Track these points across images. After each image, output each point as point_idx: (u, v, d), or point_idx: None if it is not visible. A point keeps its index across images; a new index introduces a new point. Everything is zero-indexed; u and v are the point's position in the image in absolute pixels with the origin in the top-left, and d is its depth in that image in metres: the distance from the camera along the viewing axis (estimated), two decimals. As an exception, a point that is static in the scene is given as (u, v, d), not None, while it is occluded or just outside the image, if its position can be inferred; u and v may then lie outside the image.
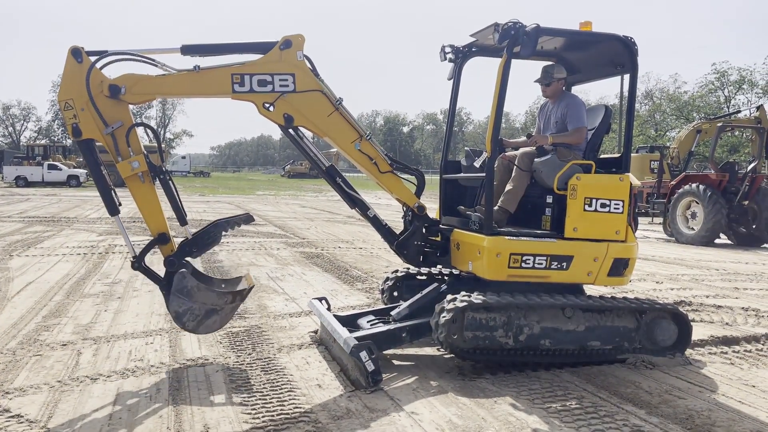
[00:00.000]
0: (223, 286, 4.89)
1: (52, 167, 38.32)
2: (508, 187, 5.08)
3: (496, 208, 4.98)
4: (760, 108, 17.55)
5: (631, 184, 4.86)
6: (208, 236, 4.63)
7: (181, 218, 4.75)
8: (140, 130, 4.82)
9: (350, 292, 7.59)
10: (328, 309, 5.50)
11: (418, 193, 5.19)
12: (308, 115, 4.61)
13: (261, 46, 4.52)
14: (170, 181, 4.61)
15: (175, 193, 4.65)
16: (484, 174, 4.80)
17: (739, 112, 21.74)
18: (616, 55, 5.15)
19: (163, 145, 5.06)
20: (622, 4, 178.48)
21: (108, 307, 6.52)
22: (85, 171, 39.21)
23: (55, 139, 74.18)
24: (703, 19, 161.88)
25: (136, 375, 4.43)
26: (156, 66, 4.49)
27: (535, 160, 5.05)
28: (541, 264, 4.70)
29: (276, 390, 4.17)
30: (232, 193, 33.43)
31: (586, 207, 4.75)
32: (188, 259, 4.63)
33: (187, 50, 4.49)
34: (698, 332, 5.64)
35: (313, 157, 4.88)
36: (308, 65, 4.60)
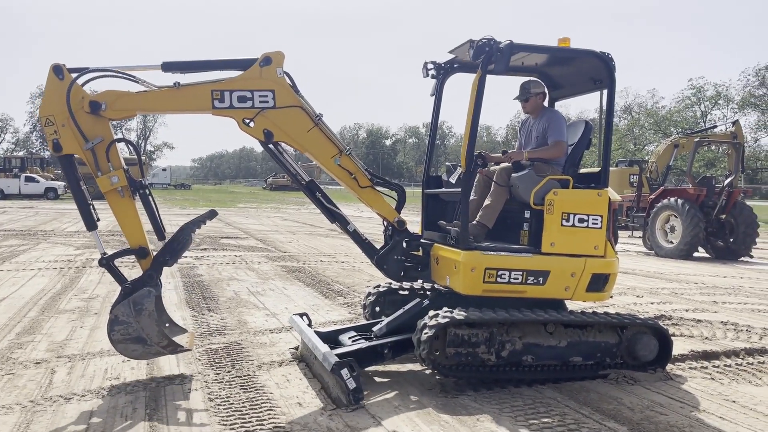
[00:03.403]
0: (167, 325, 4.85)
1: (29, 179, 37.81)
2: (486, 202, 5.12)
3: (474, 222, 5.01)
4: (735, 123, 17.85)
5: (609, 198, 4.86)
6: (177, 242, 4.66)
7: (159, 233, 4.73)
8: (121, 144, 4.84)
9: (332, 307, 7.53)
10: (309, 325, 5.44)
11: (399, 207, 5.18)
12: (287, 130, 4.64)
13: (241, 62, 4.56)
14: (150, 196, 4.64)
15: (155, 208, 4.66)
16: (459, 189, 4.82)
17: (715, 127, 22.08)
18: (595, 70, 5.19)
19: (143, 158, 5.21)
20: (602, 20, 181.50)
21: (84, 323, 6.39)
22: (64, 184, 38.76)
23: (33, 151, 73.18)
24: (680, 36, 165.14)
25: (112, 394, 4.33)
26: (137, 82, 4.52)
27: (512, 175, 5.06)
28: (517, 279, 4.69)
29: (255, 408, 4.09)
30: (213, 206, 33.09)
31: (564, 222, 4.74)
32: (160, 281, 4.67)
33: (168, 67, 4.51)
34: (678, 347, 5.66)
35: (292, 172, 4.91)
36: (288, 81, 4.63)
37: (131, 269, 8.47)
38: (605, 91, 5.22)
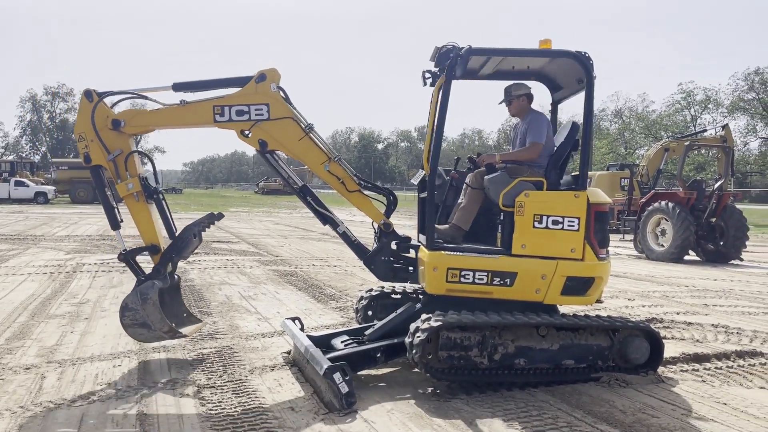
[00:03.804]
0: (185, 315, 5.52)
1: (19, 184, 37.53)
2: (461, 204, 5.20)
3: (449, 225, 5.14)
4: (725, 127, 17.97)
5: (588, 201, 4.75)
6: (181, 241, 5.22)
7: (171, 233, 5.33)
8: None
9: (324, 311, 7.51)
10: (302, 329, 5.44)
11: (389, 211, 5.30)
12: (281, 140, 5.02)
13: (240, 80, 5.02)
14: (163, 201, 5.27)
15: (167, 211, 5.30)
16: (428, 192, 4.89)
17: (705, 131, 22.28)
18: (576, 70, 5.16)
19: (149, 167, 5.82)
20: (595, 25, 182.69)
21: (74, 328, 6.35)
22: (53, 188, 38.57)
23: (23, 156, 72.70)
24: (670, 40, 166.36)
25: (103, 399, 4.30)
26: (152, 101, 5.12)
27: (485, 177, 5.10)
28: (482, 279, 4.71)
29: (247, 413, 4.08)
30: (204, 210, 33.02)
31: (536, 224, 4.70)
32: (178, 275, 5.45)
33: (178, 87, 5.03)
34: (670, 349, 5.69)
35: (286, 178, 5.22)
36: (281, 95, 5.02)
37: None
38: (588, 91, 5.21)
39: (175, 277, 5.41)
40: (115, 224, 5.23)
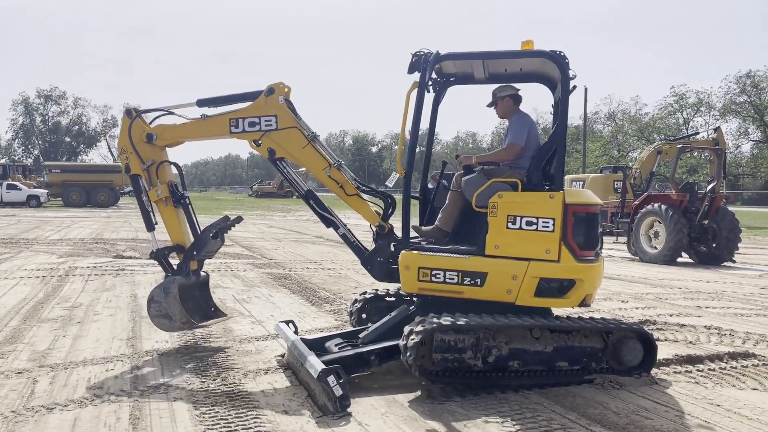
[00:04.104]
0: (212, 309, 6.06)
1: (11, 187, 37.31)
2: (444, 207, 5.27)
3: (433, 227, 5.26)
4: (717, 129, 18.10)
5: (565, 201, 4.65)
6: (200, 241, 5.76)
7: (195, 234, 5.87)
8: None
9: (318, 314, 7.50)
10: (296, 332, 5.43)
11: (387, 214, 5.35)
12: (286, 147, 5.39)
13: (253, 95, 5.47)
14: (189, 206, 5.87)
15: (193, 215, 5.90)
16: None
17: (697, 133, 22.39)
18: (548, 69, 5.14)
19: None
20: (586, 30, 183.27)
21: (67, 332, 6.31)
22: (46, 191, 38.38)
23: (15, 159, 72.36)
24: (662, 44, 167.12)
25: (95, 404, 4.27)
26: (179, 116, 5.76)
27: (462, 179, 5.13)
28: (453, 279, 4.73)
29: (241, 417, 4.06)
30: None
31: (510, 225, 4.68)
32: (206, 272, 6.02)
33: (201, 103, 5.60)
34: (663, 351, 5.71)
35: (293, 182, 5.53)
36: (288, 107, 5.38)
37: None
38: (573, 92, 5.20)
39: (203, 273, 5.95)
40: (150, 226, 5.84)
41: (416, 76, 5.05)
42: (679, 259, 14.23)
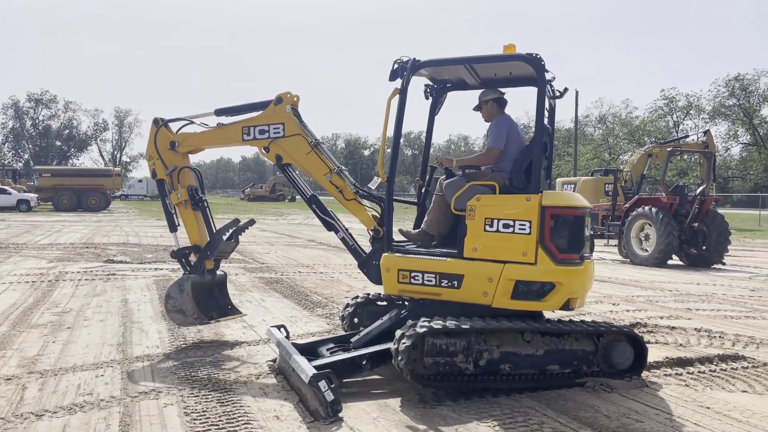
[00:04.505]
0: (229, 307, 6.41)
1: (1, 191, 37.04)
2: (429, 210, 5.36)
3: (419, 230, 5.37)
4: (707, 133, 18.25)
5: (542, 204, 4.62)
6: (213, 242, 6.11)
7: (212, 235, 6.21)
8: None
9: (310, 318, 7.49)
10: (287, 337, 5.42)
11: (384, 219, 5.32)
12: (291, 153, 5.66)
13: (262, 104, 5.78)
14: (207, 209, 6.24)
15: (210, 218, 6.28)
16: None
17: (687, 136, 22.48)
18: (525, 71, 5.13)
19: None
20: (575, 33, 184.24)
21: (56, 337, 6.27)
22: (36, 195, 38.12)
23: (5, 163, 71.89)
24: (652, 47, 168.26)
25: (85, 410, 4.25)
26: (199, 124, 6.12)
27: (444, 182, 5.17)
28: (431, 281, 4.79)
29: (232, 422, 4.05)
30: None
31: (487, 227, 4.71)
32: (224, 272, 6.44)
33: (219, 112, 5.96)
34: (653, 354, 5.74)
35: (298, 188, 5.74)
36: (294, 115, 5.64)
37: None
38: (564, 95, 5.29)
39: (220, 273, 6.32)
40: (173, 227, 6.24)
41: (398, 83, 5.10)
42: (670, 262, 14.31)
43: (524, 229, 4.64)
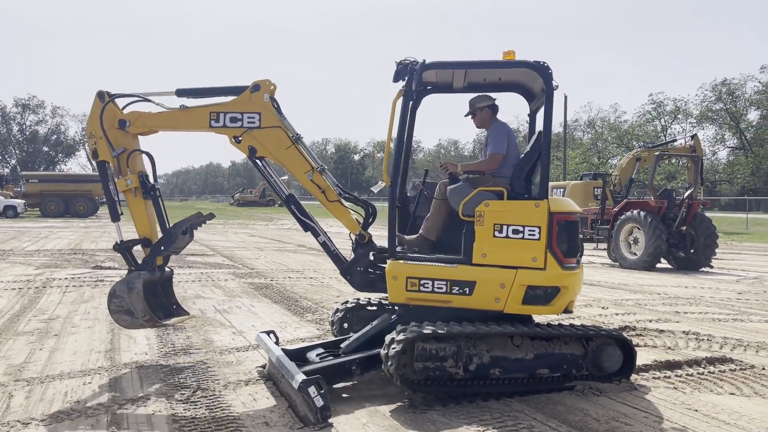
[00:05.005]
0: (174, 307, 5.87)
1: (-13, 198, 36.70)
2: (428, 215, 5.27)
3: (417, 236, 5.27)
4: (694, 137, 18.35)
5: (550, 210, 4.71)
6: (169, 236, 5.51)
7: (164, 228, 5.59)
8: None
9: (300, 323, 7.46)
10: (277, 342, 5.39)
11: (367, 223, 5.35)
12: (268, 147, 5.25)
13: (237, 89, 5.32)
14: (159, 198, 5.60)
15: (162, 208, 5.63)
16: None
17: (675, 140, 22.71)
18: (537, 80, 5.20)
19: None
20: (563, 37, 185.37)
21: (43, 345, 6.21)
22: (23, 201, 37.79)
23: (-9, 168, 71.27)
24: (640, 51, 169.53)
25: (72, 418, 4.20)
26: (157, 104, 5.48)
27: (448, 187, 5.15)
28: (441, 288, 4.74)
29: (221, 429, 4.02)
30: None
31: (496, 233, 4.72)
32: (171, 268, 5.82)
33: (181, 93, 5.40)
34: (642, 357, 5.76)
35: (273, 185, 5.44)
36: (273, 105, 5.27)
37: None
38: (554, 102, 5.28)
39: (168, 269, 5.74)
40: (116, 216, 5.57)
41: (399, 85, 5.08)
42: (658, 265, 14.39)
43: (534, 235, 4.69)
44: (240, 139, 5.26)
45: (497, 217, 4.74)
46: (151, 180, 5.58)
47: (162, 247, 5.49)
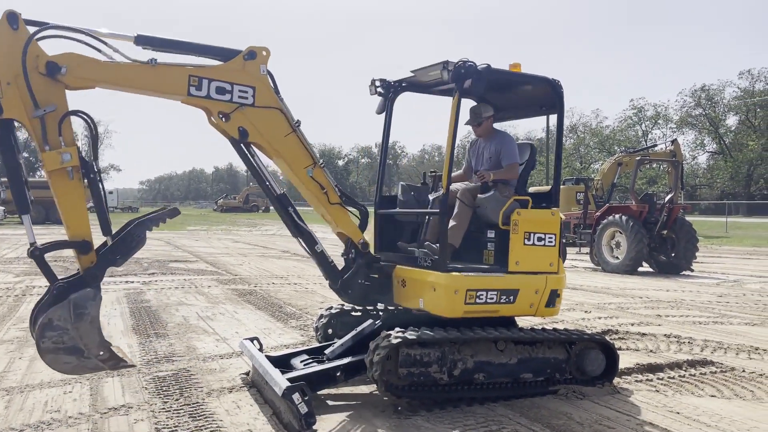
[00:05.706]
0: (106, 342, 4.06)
1: (-35, 204, 36.13)
2: (453, 222, 5.02)
3: (440, 243, 4.95)
4: (674, 142, 18.64)
5: (560, 217, 5.08)
6: (131, 238, 4.05)
7: (106, 227, 3.98)
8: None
9: (284, 330, 7.43)
10: (260, 349, 5.36)
11: (361, 228, 5.06)
12: (264, 132, 4.41)
13: (224, 51, 4.32)
14: (100, 182, 3.99)
15: (104, 198, 3.99)
16: (437, 209, 4.99)
17: (655, 145, 22.97)
18: (544, 95, 5.35)
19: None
20: (546, 41, 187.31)
21: (23, 354, 6.12)
22: (3, 208, 37.19)
23: (-30, 174, 70.11)
24: (621, 57, 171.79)
25: (52, 428, 4.14)
26: (103, 52, 3.97)
27: (479, 196, 5.14)
28: (492, 299, 4.80)
29: (204, 437, 3.99)
30: (160, 229, 32.34)
31: (526, 241, 4.90)
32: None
33: (143, 40, 4.07)
34: (624, 360, 5.81)
35: (264, 180, 4.63)
36: (270, 81, 4.44)
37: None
38: (554, 115, 5.45)
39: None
40: (25, 207, 3.93)
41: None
42: (640, 269, 14.54)
43: (551, 242, 4.96)
44: (229, 116, 4.29)
45: (527, 226, 4.90)
46: (91, 157, 3.95)
47: (117, 256, 4.02)
